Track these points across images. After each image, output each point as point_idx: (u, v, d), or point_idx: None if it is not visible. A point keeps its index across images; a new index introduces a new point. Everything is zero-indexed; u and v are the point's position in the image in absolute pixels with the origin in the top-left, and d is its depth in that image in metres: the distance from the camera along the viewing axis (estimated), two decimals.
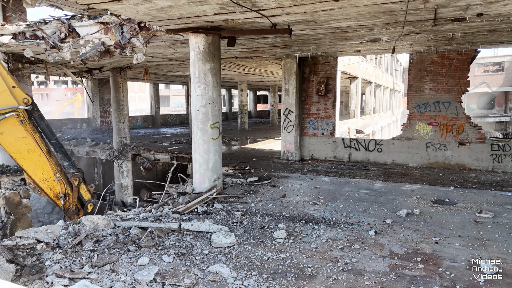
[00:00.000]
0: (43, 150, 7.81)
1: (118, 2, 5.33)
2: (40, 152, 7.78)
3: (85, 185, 8.45)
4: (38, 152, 7.77)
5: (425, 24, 6.90)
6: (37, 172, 7.89)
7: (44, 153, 7.82)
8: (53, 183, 8.03)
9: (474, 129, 10.78)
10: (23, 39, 9.12)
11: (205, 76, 7.46)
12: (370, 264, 4.41)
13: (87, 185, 8.56)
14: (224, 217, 6.23)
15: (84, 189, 8.40)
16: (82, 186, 8.39)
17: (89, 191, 8.46)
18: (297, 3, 5.43)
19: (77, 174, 8.30)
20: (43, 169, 7.89)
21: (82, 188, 8.39)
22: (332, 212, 6.55)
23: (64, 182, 8.11)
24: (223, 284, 3.92)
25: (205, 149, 7.66)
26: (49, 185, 8.05)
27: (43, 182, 7.99)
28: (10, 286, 2.07)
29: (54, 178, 7.94)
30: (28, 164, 7.84)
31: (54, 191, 8.11)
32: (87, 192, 8.42)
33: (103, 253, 4.62)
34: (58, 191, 8.08)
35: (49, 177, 7.98)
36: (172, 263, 4.40)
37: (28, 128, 7.68)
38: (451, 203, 7.07)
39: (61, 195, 8.07)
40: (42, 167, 7.88)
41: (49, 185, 8.06)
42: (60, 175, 8.03)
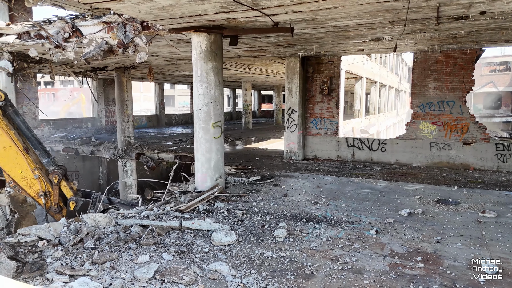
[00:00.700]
0: (19, 147, 7.56)
1: (119, 1, 5.36)
2: (16, 150, 7.55)
3: (66, 182, 8.15)
4: (15, 150, 7.55)
5: (428, 22, 6.85)
6: (15, 170, 7.67)
7: (21, 151, 7.60)
8: (33, 181, 7.78)
9: (478, 128, 10.69)
10: (27, 39, 9.20)
11: (207, 75, 7.48)
12: (370, 263, 4.39)
13: (69, 182, 8.25)
14: (225, 216, 6.24)
15: (65, 187, 8.10)
16: (63, 183, 8.08)
17: (71, 189, 8.16)
18: (299, 1, 5.43)
19: (56, 171, 7.99)
20: (21, 167, 7.66)
21: (63, 185, 8.08)
22: (334, 211, 6.53)
23: (44, 180, 7.85)
24: (222, 282, 3.92)
25: (207, 148, 7.68)
26: (28, 183, 7.83)
27: (23, 180, 7.77)
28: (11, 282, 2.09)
29: (33, 176, 7.70)
30: (6, 162, 7.63)
31: (34, 189, 7.88)
32: (69, 190, 8.12)
33: (104, 250, 4.65)
34: (39, 189, 7.83)
35: (28, 175, 7.75)
36: (172, 261, 4.42)
37: (3, 125, 7.49)
38: (454, 202, 7.01)
39: (41, 193, 7.81)
40: (20, 165, 7.64)
41: (28, 183, 7.83)
42: (39, 173, 7.77)
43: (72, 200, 8.03)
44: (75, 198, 8.08)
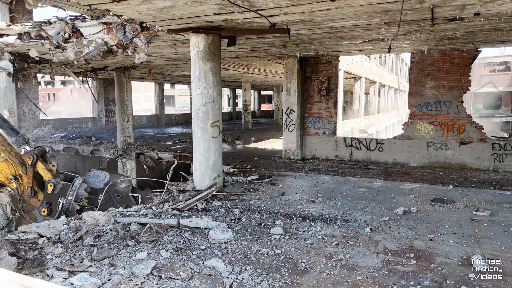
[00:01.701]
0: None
1: (118, 2, 5.45)
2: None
3: (43, 163, 7.52)
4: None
5: (423, 23, 6.94)
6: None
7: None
8: (1, 165, 7.28)
9: (475, 128, 10.78)
10: (28, 39, 9.31)
11: (206, 75, 7.57)
12: (363, 260, 4.48)
13: (48, 164, 7.62)
14: (223, 214, 6.33)
15: (42, 168, 7.49)
16: (40, 165, 7.46)
17: (50, 171, 7.55)
18: (294, 3, 5.51)
19: (30, 152, 7.40)
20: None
21: (40, 167, 7.48)
22: (330, 209, 6.62)
23: (12, 162, 7.31)
24: (218, 278, 4.01)
25: (206, 147, 7.77)
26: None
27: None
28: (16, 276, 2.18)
29: None
30: None
31: (4, 174, 7.37)
32: (47, 172, 7.51)
33: (103, 247, 4.75)
34: (8, 172, 7.30)
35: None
36: (169, 258, 4.51)
37: None
38: (449, 201, 7.10)
39: (10, 177, 7.30)
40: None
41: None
42: (6, 155, 7.25)
43: (50, 182, 7.43)
44: (53, 180, 7.47)
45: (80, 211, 7.28)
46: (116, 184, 7.73)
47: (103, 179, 7.66)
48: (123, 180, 7.82)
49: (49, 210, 7.40)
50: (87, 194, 7.51)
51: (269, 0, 5.42)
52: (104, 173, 7.85)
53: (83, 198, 7.45)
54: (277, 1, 5.42)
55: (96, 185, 7.64)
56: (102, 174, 7.78)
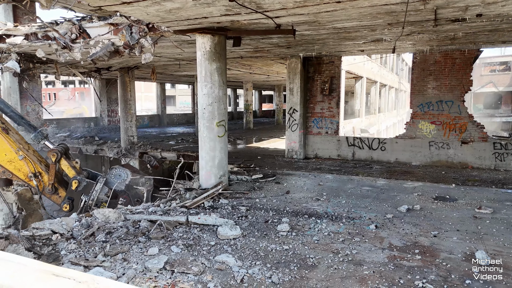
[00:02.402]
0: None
1: (128, 4, 5.57)
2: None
3: (67, 160, 7.55)
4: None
5: (426, 24, 7.05)
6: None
7: None
8: (20, 163, 7.27)
9: (477, 128, 10.89)
10: (35, 40, 9.42)
11: (212, 75, 7.68)
12: (369, 255, 4.59)
13: (71, 161, 7.64)
14: (230, 212, 6.45)
15: (66, 165, 7.52)
16: (64, 162, 7.48)
17: (74, 168, 7.58)
18: (301, 4, 5.63)
19: (55, 149, 7.40)
20: (4, 150, 7.14)
21: (64, 164, 7.50)
22: (335, 207, 6.74)
23: (31, 160, 7.31)
24: (229, 272, 4.13)
25: (211, 146, 7.88)
26: (16, 165, 7.31)
27: (9, 163, 7.27)
28: (47, 265, 2.31)
29: (18, 157, 7.19)
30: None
31: (23, 172, 7.37)
32: (71, 169, 7.54)
33: (115, 243, 4.86)
34: (27, 171, 7.30)
35: (13, 157, 7.22)
36: (180, 253, 4.63)
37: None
38: (452, 199, 7.22)
39: (30, 175, 7.29)
40: (3, 148, 7.14)
41: (16, 166, 7.32)
42: (24, 153, 7.27)
43: (75, 179, 7.49)
44: (78, 177, 7.52)
45: None
46: (137, 187, 7.78)
47: (124, 180, 7.70)
48: (144, 183, 7.85)
49: (70, 206, 7.49)
50: (107, 198, 7.55)
51: (276, 2, 5.53)
52: (126, 172, 7.87)
53: (103, 202, 7.54)
54: (284, 2, 5.53)
55: (117, 187, 7.68)
56: (124, 173, 7.81)
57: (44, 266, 2.31)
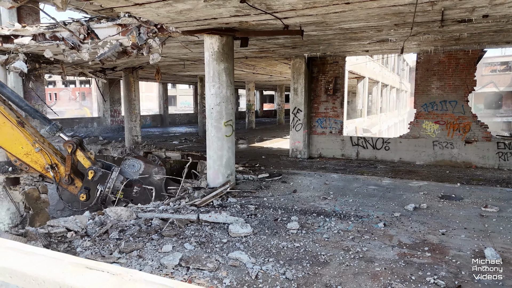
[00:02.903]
0: (13, 122, 7.17)
1: (140, 6, 5.65)
2: (11, 125, 7.16)
3: (82, 152, 7.72)
4: (10, 125, 7.17)
5: (433, 25, 7.13)
6: (16, 147, 7.32)
7: (15, 125, 7.20)
8: (36, 155, 7.40)
9: (480, 127, 10.97)
10: (43, 40, 9.50)
11: (219, 75, 7.76)
12: (380, 252, 4.67)
13: (86, 152, 7.82)
14: (239, 210, 6.53)
15: (82, 156, 7.68)
16: (80, 153, 7.64)
17: (89, 158, 7.74)
18: (310, 5, 5.70)
19: (71, 141, 7.57)
20: (21, 143, 7.27)
21: (80, 155, 7.66)
22: (342, 206, 6.82)
23: (47, 152, 7.45)
24: (243, 268, 4.21)
25: (219, 146, 7.96)
26: (32, 158, 7.46)
27: (26, 156, 7.42)
28: (79, 259, 2.39)
29: (34, 149, 7.31)
30: (4, 141, 7.27)
31: (40, 164, 7.50)
32: (86, 160, 7.70)
33: (129, 241, 4.95)
34: (44, 162, 7.42)
35: (30, 150, 7.36)
36: (193, 250, 4.71)
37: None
38: (458, 198, 7.29)
39: (47, 167, 7.41)
40: (19, 141, 7.26)
41: (33, 158, 7.46)
42: (40, 145, 7.39)
43: (91, 169, 7.64)
44: (94, 167, 7.67)
45: (114, 202, 7.53)
46: (150, 176, 7.86)
47: (138, 170, 7.81)
48: (157, 172, 7.94)
49: (87, 196, 7.60)
50: (123, 186, 7.67)
51: (286, 3, 5.61)
52: (139, 162, 8.00)
53: (119, 190, 7.63)
54: (294, 3, 5.61)
55: (131, 176, 7.79)
56: (138, 164, 7.94)
57: (76, 259, 2.39)
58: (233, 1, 5.46)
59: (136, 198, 7.48)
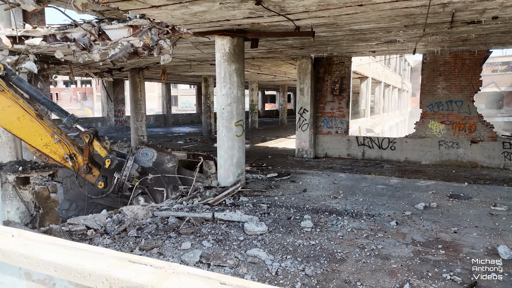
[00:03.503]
0: (32, 115, 7.39)
1: (157, 8, 5.74)
2: (30, 118, 7.38)
3: (99, 141, 8.01)
4: (29, 118, 7.39)
5: (442, 26, 7.22)
6: (35, 138, 7.54)
7: (35, 117, 7.42)
8: (55, 146, 7.65)
9: (486, 127, 11.06)
10: (53, 41, 9.59)
11: (230, 76, 7.85)
12: (395, 250, 4.77)
13: (102, 142, 8.10)
14: (252, 209, 6.62)
15: (98, 146, 7.97)
16: (96, 143, 7.94)
17: (105, 148, 8.02)
18: (323, 7, 5.80)
19: (88, 131, 7.85)
20: (40, 134, 7.51)
21: (96, 145, 7.96)
22: (353, 205, 6.91)
23: (65, 142, 7.70)
24: (262, 265, 4.31)
25: (230, 145, 8.06)
26: (52, 149, 7.70)
27: (45, 147, 7.65)
28: (121, 253, 2.49)
29: (53, 141, 7.55)
30: (24, 133, 7.50)
31: (59, 154, 7.75)
32: (102, 149, 7.98)
33: (148, 239, 5.05)
34: (63, 153, 7.64)
35: (49, 141, 7.60)
36: (212, 248, 4.81)
37: (10, 95, 7.31)
38: (466, 197, 7.39)
39: (66, 157, 7.65)
40: (39, 132, 7.50)
41: (52, 149, 7.70)
42: (59, 137, 7.65)
43: (108, 158, 7.89)
44: (110, 156, 7.93)
45: (131, 189, 7.79)
46: (163, 163, 8.06)
47: (151, 158, 8.04)
48: (169, 160, 8.14)
49: (105, 184, 7.85)
50: (138, 174, 7.89)
51: (300, 5, 5.71)
52: (152, 151, 8.20)
53: (134, 177, 7.85)
54: (308, 5, 5.71)
55: (145, 164, 8.02)
56: (151, 152, 8.15)
57: (118, 253, 2.49)
58: (248, 3, 5.56)
59: (151, 185, 7.74)
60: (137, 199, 7.91)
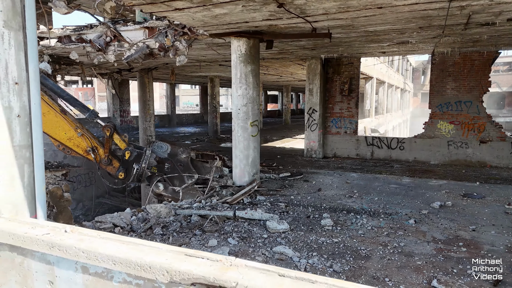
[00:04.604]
0: (56, 110, 7.73)
1: (180, 10, 5.86)
2: (55, 113, 7.71)
3: (118, 135, 8.39)
4: (53, 113, 7.71)
5: (456, 28, 7.34)
6: (59, 133, 7.90)
7: (59, 112, 7.76)
8: (78, 140, 8.02)
9: (495, 127, 11.17)
10: (68, 42, 9.71)
11: (246, 77, 7.96)
12: (417, 247, 4.88)
13: (121, 135, 8.49)
14: (270, 208, 6.73)
15: (118, 139, 8.36)
16: (116, 136, 8.33)
17: (124, 141, 8.41)
18: (343, 10, 5.91)
19: (108, 125, 8.24)
20: (64, 129, 7.88)
21: (116, 138, 8.33)
22: (369, 204, 7.02)
23: (87, 136, 8.09)
24: (290, 262, 4.42)
25: (245, 145, 8.17)
26: (75, 142, 8.07)
27: (69, 141, 8.02)
28: (178, 248, 2.60)
29: (76, 134, 7.93)
30: (49, 128, 7.80)
31: (82, 147, 8.14)
32: (122, 142, 8.37)
33: (174, 236, 5.16)
34: (85, 146, 8.03)
35: (72, 135, 7.98)
36: (238, 245, 4.92)
37: None
38: (479, 196, 7.49)
39: (88, 149, 8.04)
40: (62, 127, 7.86)
41: (75, 143, 8.07)
42: (82, 131, 8.02)
43: (127, 150, 8.29)
44: (130, 148, 8.33)
45: (150, 177, 8.16)
46: (177, 155, 8.37)
47: (166, 150, 8.40)
48: (182, 151, 8.47)
49: (125, 174, 8.19)
50: (156, 162, 8.23)
51: (320, 8, 5.82)
52: (167, 144, 8.56)
53: (153, 166, 8.18)
54: (328, 8, 5.82)
55: (161, 155, 8.37)
56: (165, 145, 8.50)
57: (174, 248, 2.61)
58: (270, 5, 5.67)
59: (168, 172, 8.13)
60: (156, 185, 8.18)
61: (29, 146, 3.52)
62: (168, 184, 8.20)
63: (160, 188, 8.06)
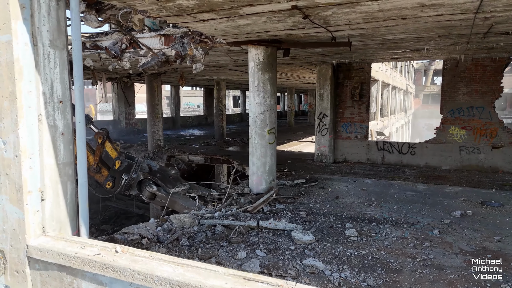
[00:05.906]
0: None
1: (204, 22, 5.87)
2: None
3: (110, 143, 8.24)
4: None
5: (475, 36, 7.35)
6: None
7: None
8: None
9: (507, 133, 11.18)
10: (83, 49, 9.71)
11: (264, 85, 7.98)
12: (446, 260, 4.89)
13: (113, 143, 8.33)
14: (291, 217, 6.74)
15: (110, 147, 8.20)
16: (108, 144, 8.19)
17: (115, 149, 8.25)
18: (367, 20, 5.93)
19: (101, 132, 8.11)
20: None
21: (108, 146, 8.19)
22: (390, 212, 7.03)
23: None
24: (322, 276, 4.42)
25: (262, 153, 8.18)
26: None
27: None
28: (233, 270, 2.61)
29: None
30: None
31: None
32: (113, 150, 8.22)
33: (201, 247, 5.16)
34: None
35: None
36: (266, 257, 4.92)
37: None
38: (498, 204, 7.50)
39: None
40: None
41: None
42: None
43: (118, 159, 8.15)
44: (121, 158, 8.18)
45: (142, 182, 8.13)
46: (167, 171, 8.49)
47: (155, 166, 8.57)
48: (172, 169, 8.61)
49: (113, 184, 8.12)
50: (148, 169, 8.32)
51: (344, 19, 5.83)
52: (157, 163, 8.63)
53: (144, 172, 8.24)
54: (352, 19, 5.83)
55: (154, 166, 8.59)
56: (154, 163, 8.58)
57: (231, 270, 2.62)
58: (295, 17, 5.68)
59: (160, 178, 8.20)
60: (150, 186, 8.18)
61: (71, 163, 3.54)
62: (161, 186, 8.22)
63: (153, 188, 8.09)
